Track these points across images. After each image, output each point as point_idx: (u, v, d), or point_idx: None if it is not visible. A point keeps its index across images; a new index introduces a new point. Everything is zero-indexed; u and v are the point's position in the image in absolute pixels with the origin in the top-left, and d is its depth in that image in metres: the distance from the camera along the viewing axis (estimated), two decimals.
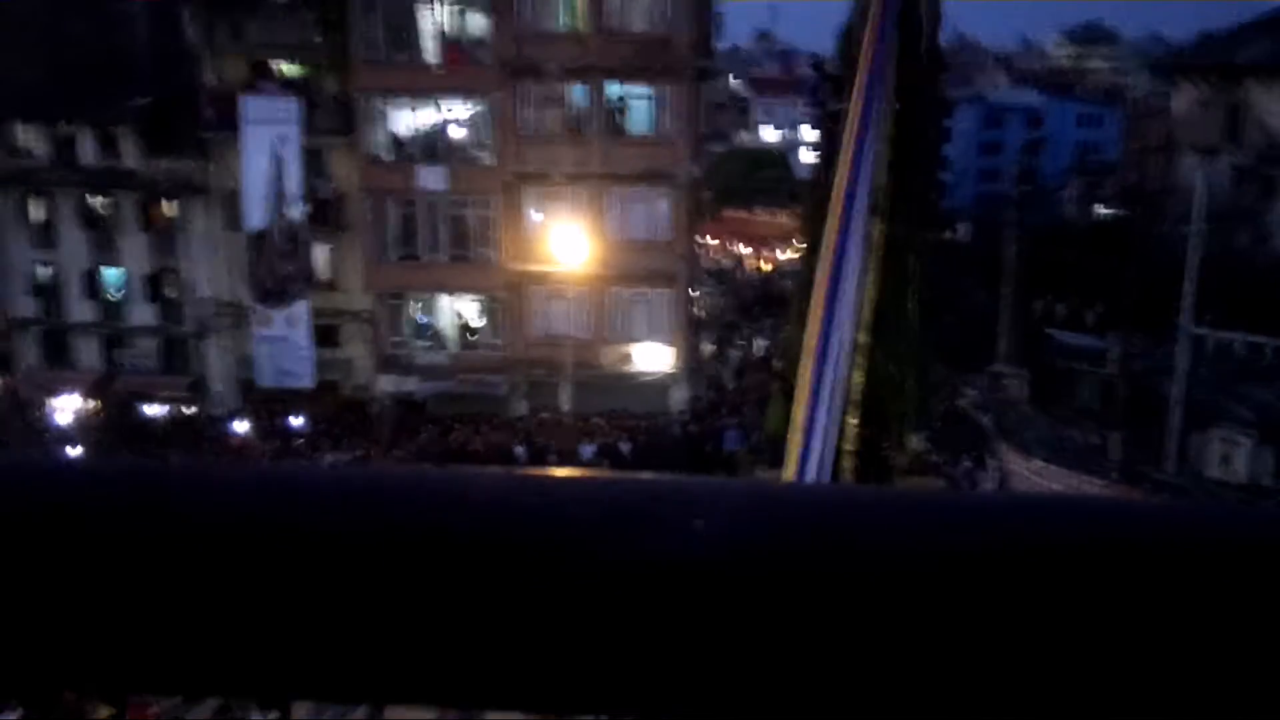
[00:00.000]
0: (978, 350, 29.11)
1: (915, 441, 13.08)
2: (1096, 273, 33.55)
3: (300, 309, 28.79)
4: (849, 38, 12.21)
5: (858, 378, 11.70)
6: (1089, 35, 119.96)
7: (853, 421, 11.82)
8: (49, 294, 31.61)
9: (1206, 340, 26.52)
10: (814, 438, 10.68)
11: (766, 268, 53.74)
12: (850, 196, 10.60)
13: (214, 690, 0.43)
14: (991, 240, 34.83)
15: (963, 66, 64.16)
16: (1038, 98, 70.41)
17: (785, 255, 52.97)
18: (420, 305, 29.79)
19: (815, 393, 10.76)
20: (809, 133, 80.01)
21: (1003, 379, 30.04)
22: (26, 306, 31.79)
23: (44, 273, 31.62)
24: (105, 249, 31.11)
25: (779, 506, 0.43)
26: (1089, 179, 58.12)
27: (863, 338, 11.66)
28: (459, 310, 29.81)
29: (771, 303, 43.21)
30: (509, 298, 28.87)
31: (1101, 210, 52.34)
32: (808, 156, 75.87)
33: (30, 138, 31.13)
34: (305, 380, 28.91)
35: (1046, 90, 74.74)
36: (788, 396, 12.43)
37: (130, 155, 30.32)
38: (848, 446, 11.72)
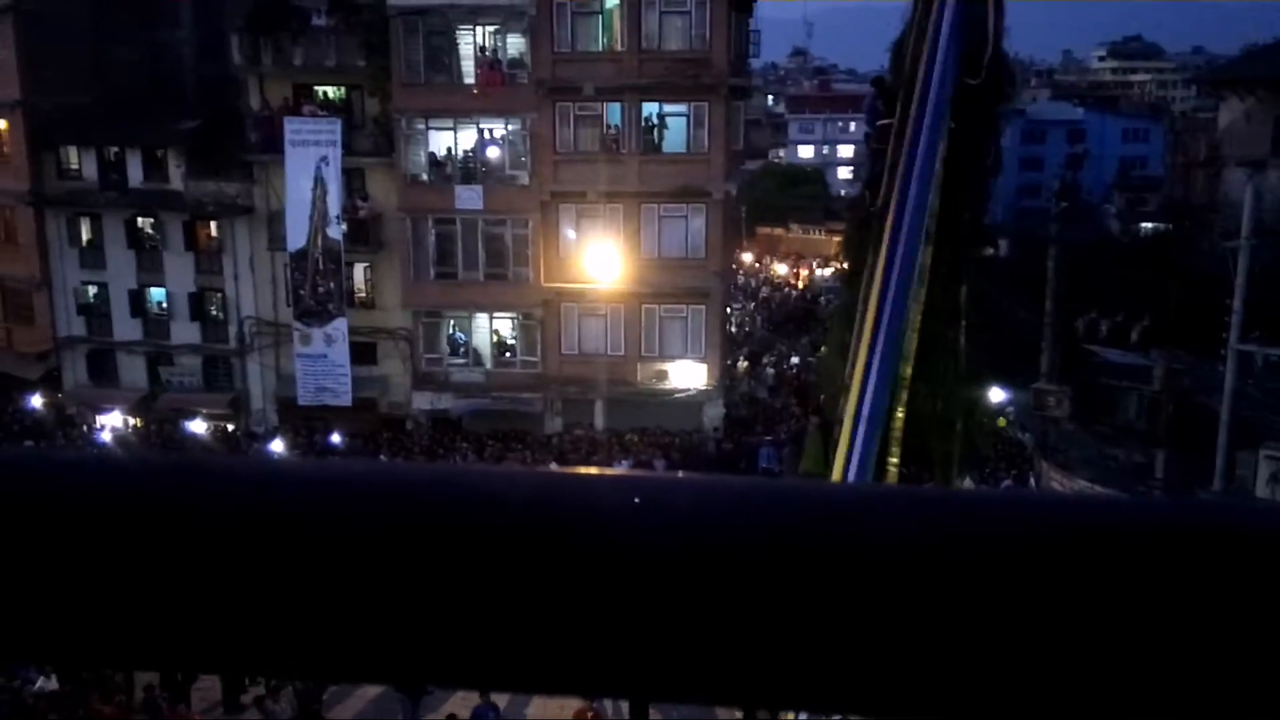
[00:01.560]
0: (1019, 368, 28.73)
1: (963, 483, 12.38)
2: (1141, 288, 33.06)
3: (339, 327, 29.13)
4: (901, 50, 11.55)
5: (900, 413, 11.10)
6: (1132, 49, 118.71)
7: (893, 461, 11.24)
8: (96, 313, 32.27)
9: (1254, 357, 25.97)
10: (852, 477, 10.27)
11: (801, 284, 53.53)
12: (900, 221, 9.98)
13: (269, 670, 0.46)
14: (1032, 256, 34.46)
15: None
16: (1079, 112, 69.67)
17: (820, 272, 52.78)
18: (456, 323, 30.01)
19: (856, 430, 10.37)
20: (845, 150, 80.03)
21: (1045, 397, 29.63)
22: (74, 325, 32.47)
23: (91, 292, 32.30)
24: (151, 269, 31.69)
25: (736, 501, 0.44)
26: (1133, 194, 57.38)
27: (906, 370, 11.10)
28: (494, 328, 30.00)
29: (805, 319, 43.07)
30: (544, 315, 29.00)
31: (1146, 225, 51.61)
32: (844, 173, 75.79)
33: (80, 160, 31.87)
34: (343, 397, 29.21)
35: (1088, 104, 74.00)
36: (825, 433, 12.06)
37: (176, 177, 30.91)
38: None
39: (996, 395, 26.35)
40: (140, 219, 31.51)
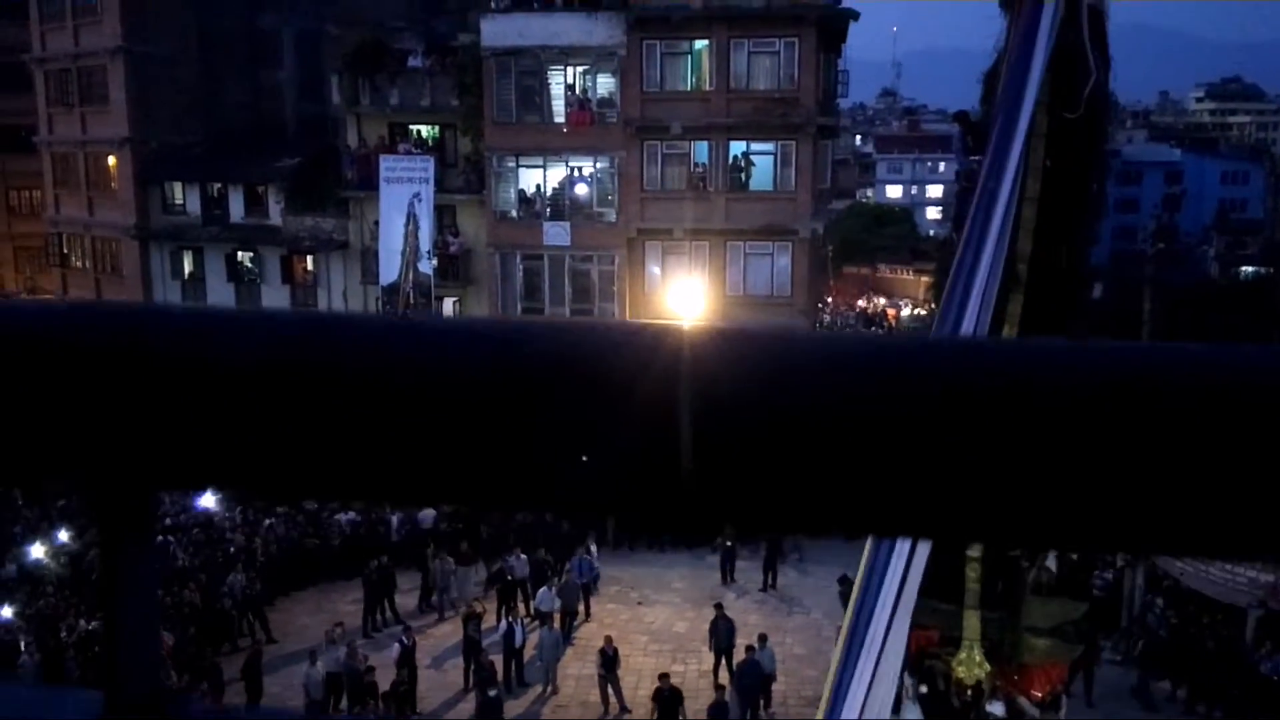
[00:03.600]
0: None
1: (1054, 562, 11.61)
2: (1241, 332, 31.94)
3: None
4: (992, 82, 11.07)
5: None
6: (1231, 90, 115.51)
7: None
8: None
9: None
10: None
11: (889, 324, 52.86)
12: (971, 263, 9.36)
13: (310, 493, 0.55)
14: (1127, 299, 33.53)
15: None
16: (1176, 153, 67.94)
17: (908, 312, 52.14)
18: None
19: None
20: (934, 190, 79.13)
21: None
22: None
23: None
24: (249, 301, 32.65)
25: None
26: (1232, 237, 55.64)
27: None
28: None
29: None
30: None
31: (1246, 269, 49.96)
32: (933, 213, 74.94)
33: (184, 195, 33.18)
34: None
35: (1186, 146, 72.11)
36: None
37: (275, 212, 31.94)
38: (972, 553, 10.54)
39: None
40: (240, 253, 32.59)
